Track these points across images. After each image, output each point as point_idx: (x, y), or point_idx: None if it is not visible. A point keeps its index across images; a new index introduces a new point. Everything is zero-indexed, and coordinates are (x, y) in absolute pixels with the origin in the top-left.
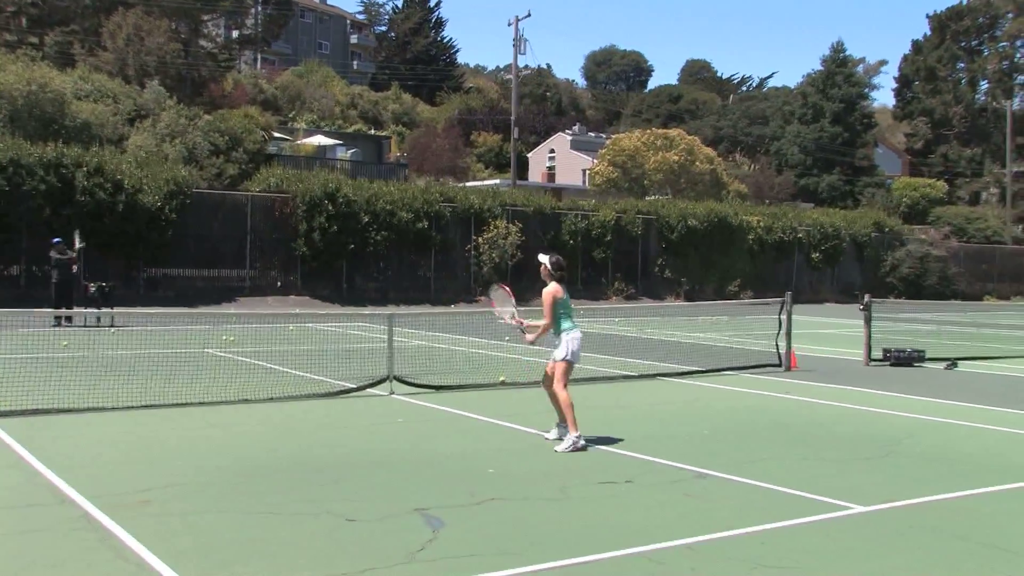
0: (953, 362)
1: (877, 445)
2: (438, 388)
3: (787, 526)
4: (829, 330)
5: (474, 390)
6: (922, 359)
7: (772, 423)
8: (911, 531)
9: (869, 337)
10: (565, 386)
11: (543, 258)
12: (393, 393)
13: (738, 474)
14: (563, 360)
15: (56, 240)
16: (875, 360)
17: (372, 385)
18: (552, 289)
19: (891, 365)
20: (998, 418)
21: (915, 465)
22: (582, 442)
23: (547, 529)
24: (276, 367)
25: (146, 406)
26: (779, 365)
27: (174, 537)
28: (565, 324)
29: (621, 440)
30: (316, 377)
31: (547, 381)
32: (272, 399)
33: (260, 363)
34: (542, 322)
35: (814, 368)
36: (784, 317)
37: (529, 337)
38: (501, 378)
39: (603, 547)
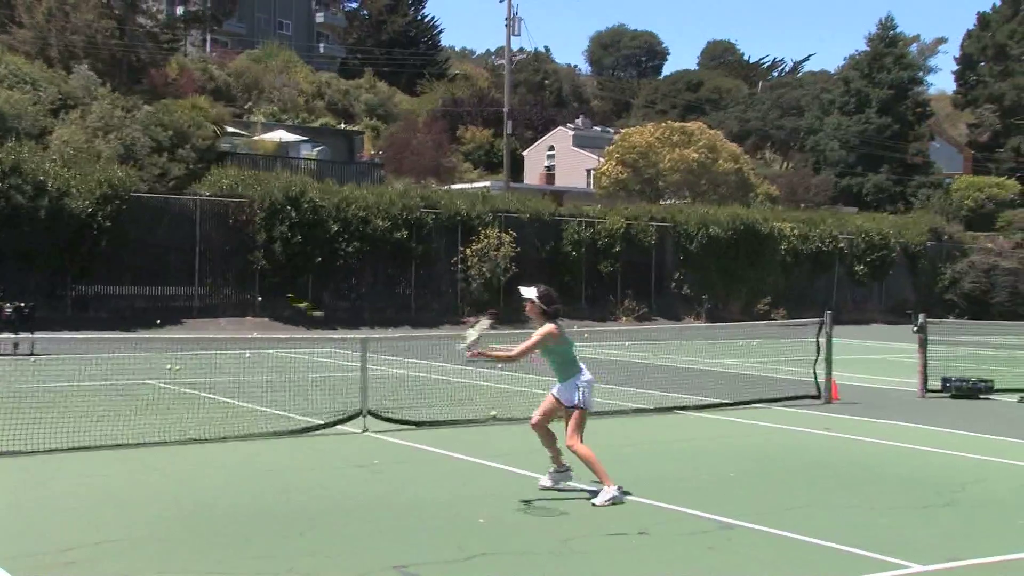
0: None
1: (936, 491)
2: (419, 424)
3: None
4: (876, 355)
5: (461, 427)
6: (989, 390)
7: (809, 464)
8: None
9: (925, 364)
10: (580, 439)
11: (527, 292)
12: (367, 430)
13: (770, 524)
14: (576, 407)
15: None
16: (932, 391)
17: (343, 421)
18: (552, 330)
19: (951, 397)
20: None
21: (982, 516)
22: (621, 496)
23: None
24: (230, 401)
25: (73, 448)
26: (818, 396)
27: None
28: (575, 368)
29: (633, 484)
30: (277, 412)
31: (540, 419)
32: (225, 438)
33: (211, 396)
34: (517, 347)
35: (859, 400)
36: (823, 340)
37: (476, 352)
38: (493, 413)
39: None
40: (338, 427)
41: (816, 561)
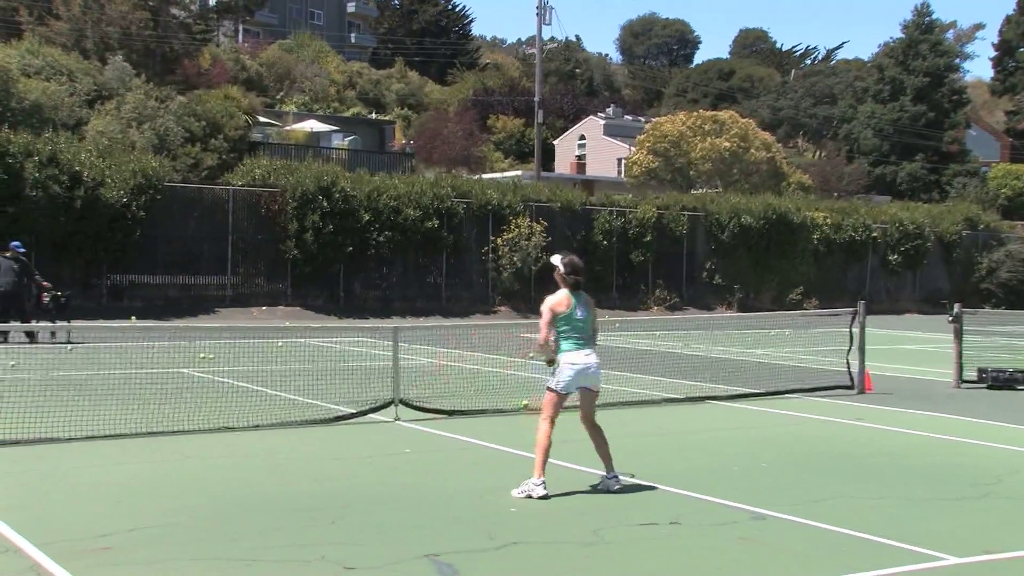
0: None
1: (971, 483)
2: (450, 413)
3: None
4: (911, 345)
5: (492, 416)
6: None
7: (842, 455)
8: None
9: (960, 354)
10: (545, 421)
11: (556, 260)
12: (399, 419)
13: (802, 515)
14: (548, 389)
15: (15, 244)
16: (967, 382)
17: (374, 410)
18: (553, 301)
19: (988, 388)
20: None
21: (1020, 509)
22: (539, 491)
23: None
24: (262, 389)
25: (108, 436)
26: (851, 387)
27: None
28: (565, 344)
29: (664, 474)
30: (309, 401)
31: (584, 417)
32: (258, 427)
33: (243, 385)
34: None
35: (893, 390)
36: (856, 330)
37: (533, 353)
38: (524, 403)
39: None
40: (369, 416)
41: (849, 552)
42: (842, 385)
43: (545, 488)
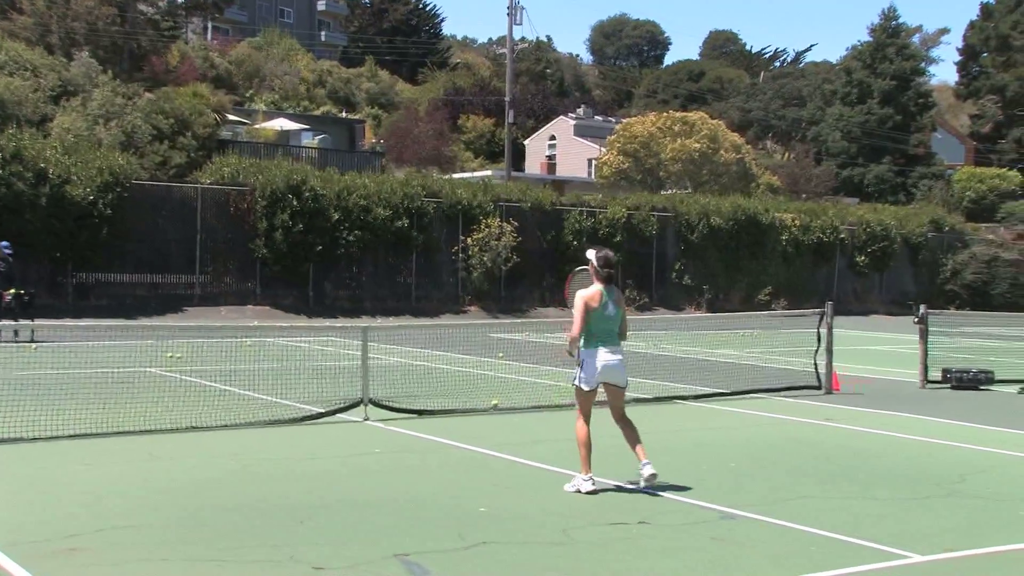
0: None
1: (936, 483)
2: (420, 413)
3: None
4: (878, 346)
5: (462, 416)
6: (990, 381)
7: (810, 455)
8: None
9: (925, 355)
10: (580, 419)
11: (590, 254)
12: (368, 419)
13: (771, 515)
14: (575, 387)
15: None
16: (932, 382)
17: (344, 409)
18: (586, 295)
19: (952, 388)
20: None
21: (983, 508)
22: (587, 486)
23: None
24: (231, 389)
25: (74, 436)
26: (818, 387)
27: None
28: (590, 340)
29: (632, 475)
30: (278, 400)
31: (614, 413)
32: (226, 426)
33: (212, 384)
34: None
35: (860, 391)
36: (824, 331)
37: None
38: (494, 402)
39: None
40: (339, 416)
41: (817, 551)
42: (810, 385)
43: (594, 483)
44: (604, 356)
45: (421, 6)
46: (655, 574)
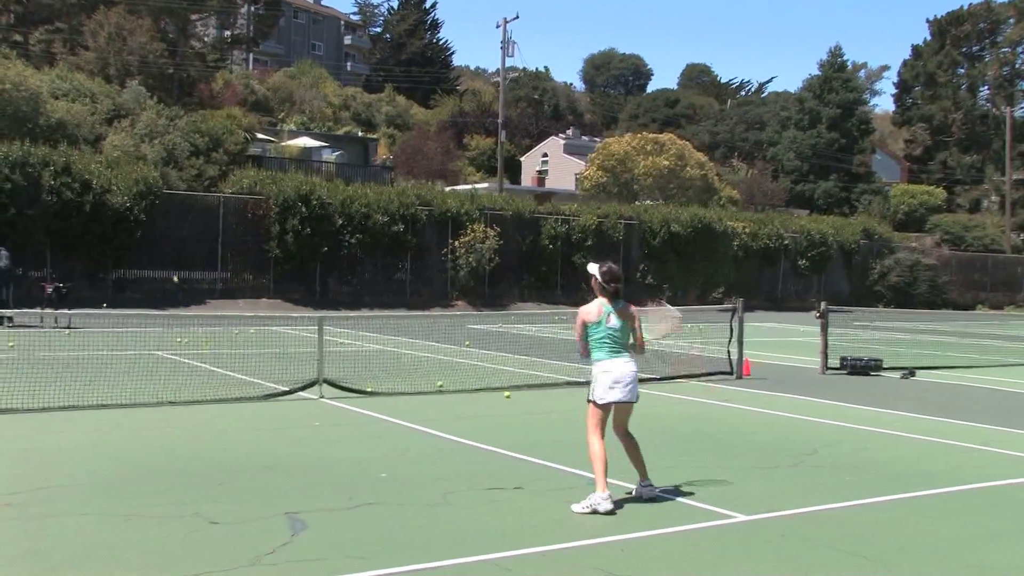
0: (911, 371)
1: (791, 454)
2: (370, 393)
3: (656, 534)
4: (798, 338)
5: (410, 396)
6: (879, 368)
7: (696, 431)
8: (780, 540)
9: (826, 345)
10: (594, 434)
11: (592, 268)
12: (323, 397)
13: (631, 480)
14: (588, 401)
15: None
16: (832, 368)
17: (302, 388)
18: (583, 311)
19: (848, 374)
20: (926, 427)
21: (820, 474)
22: (606, 506)
23: (409, 534)
24: (217, 370)
25: (63, 407)
26: (730, 372)
27: (20, 541)
28: (598, 353)
29: (527, 446)
30: (252, 380)
31: (616, 427)
32: (197, 402)
33: (203, 365)
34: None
35: (767, 376)
36: (735, 324)
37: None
38: (439, 384)
39: (453, 553)
40: (300, 393)
41: (655, 512)
42: (723, 371)
43: (612, 502)
44: (615, 368)
45: (435, 41)
46: (505, 530)
